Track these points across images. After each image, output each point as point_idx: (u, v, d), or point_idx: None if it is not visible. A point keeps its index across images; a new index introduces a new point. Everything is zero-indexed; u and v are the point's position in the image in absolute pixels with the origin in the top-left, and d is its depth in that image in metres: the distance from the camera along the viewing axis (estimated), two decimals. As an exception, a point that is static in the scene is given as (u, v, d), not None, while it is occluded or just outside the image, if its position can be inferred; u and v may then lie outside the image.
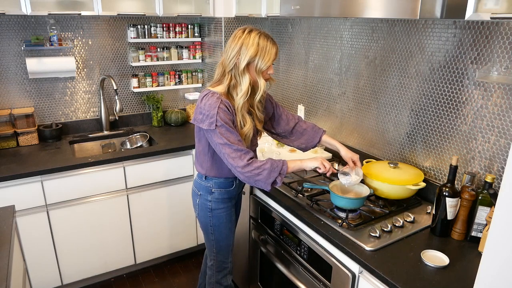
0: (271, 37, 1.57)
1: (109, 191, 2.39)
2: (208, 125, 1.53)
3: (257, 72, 1.56)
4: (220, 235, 1.84)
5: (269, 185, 1.55)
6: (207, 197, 1.77)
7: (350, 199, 1.60)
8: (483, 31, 1.49)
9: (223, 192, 1.77)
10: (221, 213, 1.79)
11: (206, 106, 1.54)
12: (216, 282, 1.95)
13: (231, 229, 1.87)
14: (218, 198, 1.77)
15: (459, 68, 1.61)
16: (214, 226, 1.81)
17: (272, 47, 1.55)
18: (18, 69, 2.52)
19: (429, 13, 1.29)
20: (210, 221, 1.81)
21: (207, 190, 1.76)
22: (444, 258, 1.36)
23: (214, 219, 1.79)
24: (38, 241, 2.25)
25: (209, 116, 1.53)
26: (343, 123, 2.29)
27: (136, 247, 2.60)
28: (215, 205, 1.77)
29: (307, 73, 2.52)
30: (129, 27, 2.73)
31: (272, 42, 1.56)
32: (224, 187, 1.76)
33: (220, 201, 1.78)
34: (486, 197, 1.42)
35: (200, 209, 1.82)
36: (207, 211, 1.79)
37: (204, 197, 1.78)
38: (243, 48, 1.52)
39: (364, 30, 2.03)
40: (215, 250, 1.88)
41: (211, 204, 1.77)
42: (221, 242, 1.85)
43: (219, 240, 1.85)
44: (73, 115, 2.78)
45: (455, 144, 1.67)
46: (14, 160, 2.27)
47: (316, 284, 1.65)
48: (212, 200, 1.77)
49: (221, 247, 1.87)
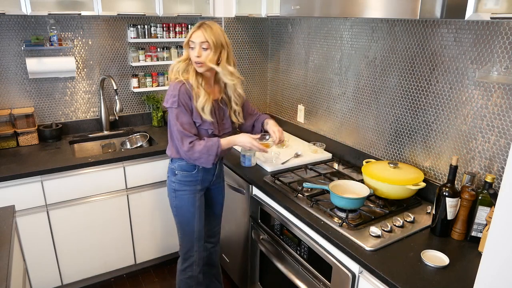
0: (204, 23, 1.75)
1: (109, 191, 2.39)
2: (171, 104, 1.73)
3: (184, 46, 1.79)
4: (182, 218, 1.93)
5: (210, 164, 1.77)
6: (172, 178, 1.90)
7: (350, 199, 1.60)
8: (483, 31, 1.49)
9: (186, 175, 1.87)
10: (183, 195, 1.89)
11: (170, 88, 1.76)
12: (182, 270, 2.00)
13: (194, 214, 1.92)
14: (181, 180, 1.88)
15: (459, 68, 1.61)
16: (176, 207, 1.92)
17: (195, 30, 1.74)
18: (18, 69, 2.51)
19: (429, 13, 1.30)
20: (173, 202, 1.92)
21: (172, 171, 1.90)
22: (444, 258, 1.36)
23: (176, 200, 1.90)
24: (38, 241, 2.24)
25: (171, 95, 1.74)
26: (343, 123, 2.29)
27: (136, 247, 2.60)
28: (178, 186, 1.89)
29: (307, 73, 2.52)
30: (129, 27, 2.73)
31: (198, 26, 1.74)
32: (186, 169, 1.86)
33: (183, 183, 1.88)
34: (486, 197, 1.42)
35: (168, 190, 1.94)
36: (172, 192, 1.91)
37: (170, 178, 1.91)
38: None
39: (364, 30, 2.03)
40: (180, 234, 1.97)
41: (174, 185, 1.89)
42: (184, 226, 1.94)
43: (182, 223, 1.94)
44: (73, 115, 2.78)
45: (455, 144, 1.67)
46: (14, 160, 2.27)
47: (316, 284, 1.65)
48: (175, 182, 1.89)
49: (184, 231, 1.95)
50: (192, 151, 1.73)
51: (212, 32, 1.72)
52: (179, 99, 1.72)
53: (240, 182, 2.18)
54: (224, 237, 2.52)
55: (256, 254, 2.13)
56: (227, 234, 2.46)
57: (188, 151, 1.73)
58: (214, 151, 1.75)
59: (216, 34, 1.73)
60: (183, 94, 1.73)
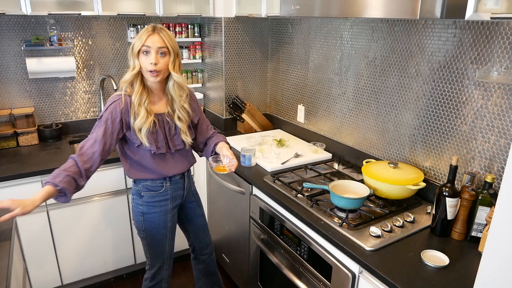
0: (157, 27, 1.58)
1: (109, 191, 2.39)
2: (100, 116, 1.59)
3: (133, 54, 1.57)
4: (152, 241, 1.78)
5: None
6: (138, 201, 1.73)
7: (350, 199, 1.60)
8: (483, 31, 1.49)
9: (153, 195, 1.72)
10: (153, 218, 1.73)
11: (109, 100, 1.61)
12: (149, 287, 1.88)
13: (166, 236, 1.80)
14: (148, 202, 1.71)
15: (459, 68, 1.61)
16: (146, 231, 1.75)
17: (150, 35, 1.54)
18: (18, 69, 2.52)
19: (429, 13, 1.30)
20: (142, 226, 1.75)
21: (137, 193, 1.73)
22: (444, 258, 1.36)
23: (145, 223, 1.74)
24: (38, 241, 2.24)
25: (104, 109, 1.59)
26: (343, 123, 2.29)
27: (136, 247, 2.60)
28: (146, 209, 1.72)
29: (307, 73, 2.52)
30: (129, 27, 2.73)
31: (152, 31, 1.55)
32: (152, 189, 1.71)
33: (151, 205, 1.72)
34: (486, 197, 1.42)
35: (133, 213, 1.78)
36: (139, 215, 1.74)
37: (136, 200, 1.74)
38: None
39: (364, 30, 2.03)
40: (149, 255, 1.83)
41: (142, 208, 1.72)
42: (154, 247, 1.80)
43: (152, 246, 1.79)
44: (73, 115, 2.78)
45: (455, 144, 1.67)
46: (14, 160, 2.27)
47: (316, 284, 1.65)
48: (143, 204, 1.72)
49: (155, 252, 1.81)
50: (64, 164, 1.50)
51: (169, 36, 1.57)
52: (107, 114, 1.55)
53: (240, 182, 2.18)
54: (224, 237, 2.52)
55: (256, 254, 2.13)
56: (227, 234, 2.46)
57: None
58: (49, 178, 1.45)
59: (173, 39, 1.59)
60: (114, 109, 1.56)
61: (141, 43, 1.54)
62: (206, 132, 1.90)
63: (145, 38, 1.54)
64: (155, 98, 1.67)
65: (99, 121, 1.59)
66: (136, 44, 1.56)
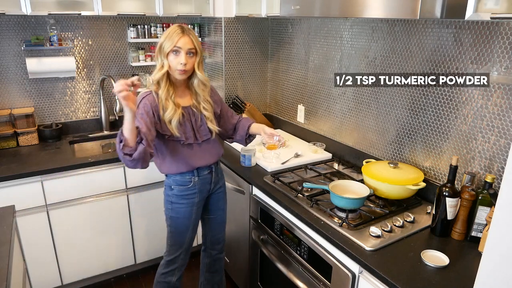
0: (185, 28, 1.67)
1: (109, 191, 2.39)
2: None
3: (163, 54, 1.65)
4: (175, 229, 1.89)
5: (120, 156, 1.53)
6: (169, 192, 1.86)
7: (350, 199, 1.60)
8: (483, 31, 1.49)
9: (183, 189, 1.83)
10: (180, 208, 1.85)
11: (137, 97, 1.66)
12: (161, 274, 1.98)
13: (188, 227, 1.90)
14: (177, 195, 1.84)
15: (459, 68, 1.61)
16: (172, 218, 1.88)
17: (180, 36, 1.63)
18: (18, 69, 2.51)
19: (429, 13, 1.29)
20: (169, 213, 1.88)
21: (168, 186, 1.86)
22: (444, 258, 1.36)
23: (173, 211, 1.86)
24: (38, 241, 2.24)
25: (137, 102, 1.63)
26: (343, 123, 2.29)
27: (136, 247, 2.60)
28: (175, 199, 1.85)
29: (307, 73, 2.52)
30: (129, 27, 2.73)
31: (182, 32, 1.64)
32: (182, 184, 1.82)
33: (180, 197, 1.84)
34: (486, 197, 1.42)
35: (164, 201, 1.90)
36: (168, 204, 1.87)
37: (167, 191, 1.87)
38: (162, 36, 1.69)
39: (364, 30, 2.03)
40: (169, 242, 1.93)
41: (172, 198, 1.85)
42: (175, 236, 1.90)
43: (174, 234, 1.90)
44: (73, 115, 2.78)
45: (455, 144, 1.67)
46: (14, 160, 2.27)
47: (316, 284, 1.65)
48: (172, 195, 1.85)
49: (175, 241, 1.91)
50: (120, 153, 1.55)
51: (196, 38, 1.68)
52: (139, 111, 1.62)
53: (240, 182, 2.18)
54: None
55: (256, 254, 2.13)
56: (227, 234, 2.46)
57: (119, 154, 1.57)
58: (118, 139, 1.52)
59: (197, 39, 1.70)
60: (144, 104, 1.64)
61: (173, 44, 1.62)
62: (232, 118, 2.02)
63: (177, 39, 1.62)
64: (180, 92, 1.77)
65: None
66: (166, 45, 1.64)
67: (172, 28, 1.66)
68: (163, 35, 1.67)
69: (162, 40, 1.66)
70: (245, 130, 1.99)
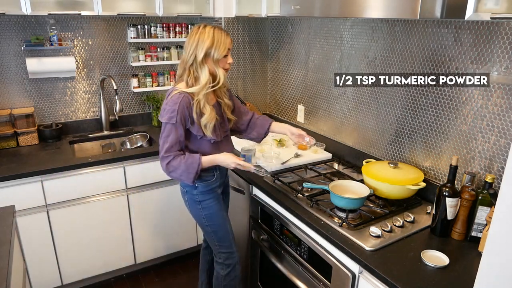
0: (224, 30, 1.69)
1: (109, 191, 2.39)
2: (168, 119, 1.63)
3: (215, 62, 1.65)
4: (215, 225, 1.87)
5: (190, 181, 1.70)
6: (193, 191, 1.83)
7: (350, 199, 1.60)
8: (483, 31, 1.49)
9: (207, 184, 1.82)
10: (210, 203, 1.84)
11: (169, 102, 1.64)
12: (225, 276, 1.94)
13: (224, 217, 1.90)
14: (203, 191, 1.82)
15: (459, 68, 1.61)
16: (206, 216, 1.86)
17: (227, 37, 1.67)
18: (18, 69, 2.51)
19: (429, 13, 1.29)
20: (201, 213, 1.85)
21: (191, 185, 1.81)
22: (444, 258, 1.36)
23: (204, 210, 1.84)
24: (38, 241, 2.24)
25: (169, 110, 1.63)
26: (343, 123, 2.29)
27: (136, 247, 2.60)
28: (201, 197, 1.83)
29: (307, 73, 2.52)
30: (129, 27, 2.73)
31: (226, 33, 1.68)
32: (206, 179, 1.82)
33: (205, 192, 1.83)
34: (486, 197, 1.42)
35: (190, 204, 1.88)
36: (196, 204, 1.84)
37: (190, 192, 1.84)
38: (200, 42, 1.63)
39: (364, 30, 2.03)
40: (217, 243, 1.90)
41: (198, 197, 1.83)
42: (219, 232, 1.88)
43: (216, 231, 1.88)
44: (73, 115, 2.78)
45: (455, 144, 1.67)
46: (14, 160, 2.27)
47: (316, 284, 1.65)
48: (198, 194, 1.82)
49: (220, 237, 1.89)
50: (170, 168, 1.67)
51: None
52: (178, 115, 1.63)
53: (240, 182, 2.18)
54: (224, 237, 2.52)
55: (256, 254, 2.13)
56: (227, 234, 2.46)
57: (167, 169, 1.68)
58: (195, 169, 1.67)
59: None
60: (182, 109, 1.63)
61: (226, 47, 1.65)
62: (246, 114, 2.01)
63: (228, 41, 1.66)
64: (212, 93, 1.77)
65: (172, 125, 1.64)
66: (218, 51, 1.63)
67: (214, 32, 1.63)
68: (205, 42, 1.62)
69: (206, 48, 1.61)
70: (265, 129, 1.98)
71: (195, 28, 1.67)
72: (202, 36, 1.63)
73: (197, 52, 1.63)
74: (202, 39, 1.62)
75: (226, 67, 1.70)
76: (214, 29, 1.64)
